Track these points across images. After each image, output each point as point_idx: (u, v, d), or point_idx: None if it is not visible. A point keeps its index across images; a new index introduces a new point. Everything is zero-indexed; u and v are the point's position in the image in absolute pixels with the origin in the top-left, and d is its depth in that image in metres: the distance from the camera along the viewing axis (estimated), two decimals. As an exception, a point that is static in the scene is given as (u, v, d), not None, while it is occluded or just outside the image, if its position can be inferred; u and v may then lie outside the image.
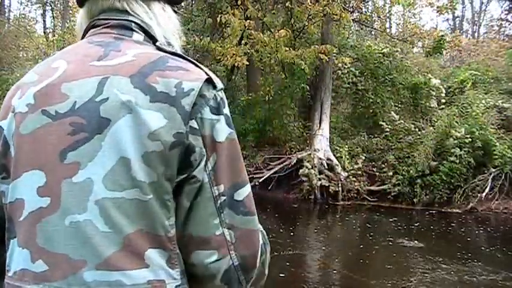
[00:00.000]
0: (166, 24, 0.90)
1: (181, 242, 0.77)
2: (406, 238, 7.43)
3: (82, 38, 0.90)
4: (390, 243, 7.17)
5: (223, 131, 0.78)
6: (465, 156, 9.26)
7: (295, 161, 10.51)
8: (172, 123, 0.73)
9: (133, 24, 0.85)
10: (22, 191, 0.77)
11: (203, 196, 0.76)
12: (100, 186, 0.72)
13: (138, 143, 0.72)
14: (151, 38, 0.86)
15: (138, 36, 0.85)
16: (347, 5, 10.39)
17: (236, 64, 9.66)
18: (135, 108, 0.73)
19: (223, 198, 0.77)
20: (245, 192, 0.80)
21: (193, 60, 0.81)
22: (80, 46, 0.85)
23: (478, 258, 6.30)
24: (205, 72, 0.79)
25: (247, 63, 9.87)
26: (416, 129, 10.74)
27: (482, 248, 7.18)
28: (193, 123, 0.75)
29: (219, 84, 0.80)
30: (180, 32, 0.94)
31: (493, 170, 9.31)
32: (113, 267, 0.71)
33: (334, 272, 5.80)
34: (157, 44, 0.84)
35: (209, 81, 0.78)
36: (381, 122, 10.97)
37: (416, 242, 7.18)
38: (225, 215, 0.78)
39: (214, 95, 0.78)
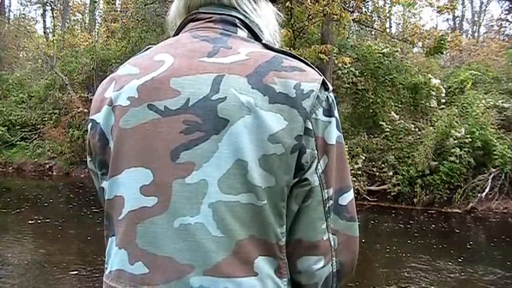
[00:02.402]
0: (271, 22, 0.87)
1: (289, 248, 0.74)
2: (406, 238, 7.43)
3: (177, 31, 0.85)
4: (390, 243, 7.17)
5: (334, 134, 0.75)
6: (465, 156, 9.26)
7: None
8: (293, 125, 0.70)
9: (237, 20, 0.81)
10: (122, 188, 0.73)
11: (314, 199, 0.74)
12: (215, 188, 0.68)
13: (258, 146, 0.69)
14: (253, 35, 0.82)
15: (242, 32, 0.80)
16: (347, 5, 10.38)
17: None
18: (254, 109, 0.69)
19: (330, 202, 0.75)
20: (349, 197, 0.79)
21: (304, 60, 0.78)
22: (183, 40, 0.80)
23: (478, 258, 6.30)
24: (319, 73, 0.77)
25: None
26: (416, 129, 10.74)
27: (482, 248, 7.18)
28: (308, 124, 0.72)
29: (330, 85, 0.77)
30: (277, 26, 0.90)
31: (493, 170, 9.31)
32: (222, 274, 0.68)
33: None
34: (263, 42, 0.80)
35: (323, 82, 0.76)
36: (381, 122, 10.96)
37: (416, 242, 7.18)
38: (330, 219, 0.76)
39: (327, 96, 0.76)
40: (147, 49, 0.84)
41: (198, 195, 0.69)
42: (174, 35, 0.86)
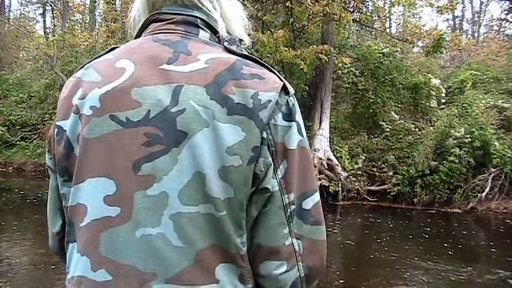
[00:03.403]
0: (231, 13, 0.85)
1: (250, 253, 0.75)
2: (405, 238, 7.43)
3: (139, 32, 0.85)
4: (390, 243, 7.17)
5: (295, 138, 0.75)
6: (465, 156, 9.26)
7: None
8: (250, 136, 0.71)
9: (198, 20, 0.81)
10: (85, 196, 0.74)
11: (274, 205, 0.74)
12: (175, 201, 0.70)
13: (216, 158, 0.70)
14: (215, 34, 0.82)
15: (204, 33, 0.80)
16: (347, 5, 10.37)
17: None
18: (212, 121, 0.70)
19: (293, 207, 0.75)
20: (313, 200, 0.78)
21: (265, 64, 0.78)
22: (145, 44, 0.79)
23: (478, 258, 6.30)
24: (279, 78, 0.77)
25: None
26: (416, 129, 10.75)
27: (482, 248, 7.18)
28: (264, 134, 0.72)
29: (291, 89, 0.77)
30: (245, 18, 0.88)
31: (493, 170, 9.31)
32: (183, 282, 0.70)
33: (333, 271, 5.80)
34: (225, 44, 0.80)
35: (283, 87, 0.76)
36: (381, 122, 10.97)
37: (416, 242, 7.18)
38: (294, 224, 0.75)
39: (287, 100, 0.76)
40: (111, 49, 0.84)
41: (159, 207, 0.70)
42: (136, 35, 0.86)
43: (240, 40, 0.86)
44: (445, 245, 7.06)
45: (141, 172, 0.71)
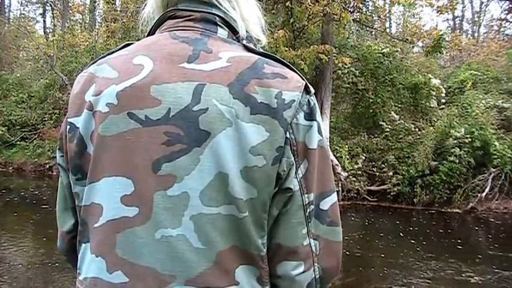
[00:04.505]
0: (248, 13, 0.84)
1: (269, 252, 0.73)
2: (406, 238, 7.43)
3: (153, 29, 0.83)
4: (390, 243, 7.17)
5: (315, 138, 0.74)
6: (465, 156, 9.26)
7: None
8: (274, 136, 0.70)
9: (217, 18, 0.79)
10: (100, 196, 0.72)
11: (294, 204, 0.73)
12: (197, 201, 0.68)
13: (239, 158, 0.68)
14: (234, 33, 0.80)
15: (223, 31, 0.79)
16: (347, 5, 10.36)
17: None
18: (236, 121, 0.69)
19: (312, 207, 0.74)
20: (331, 201, 0.77)
21: (286, 62, 0.77)
22: (163, 41, 0.77)
23: (478, 258, 6.29)
24: (301, 77, 0.76)
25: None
26: (416, 129, 10.75)
27: (482, 248, 7.18)
28: (288, 134, 0.71)
29: (312, 88, 0.76)
30: (262, 18, 0.87)
31: (493, 170, 9.31)
32: (203, 284, 0.68)
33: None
34: (244, 43, 0.79)
35: (305, 87, 0.75)
36: (381, 122, 10.97)
37: (416, 242, 7.18)
38: (311, 224, 0.75)
39: (308, 100, 0.75)
40: (125, 46, 0.82)
41: (180, 208, 0.69)
42: (149, 32, 0.84)
43: (257, 40, 0.85)
44: (445, 244, 7.06)
45: (161, 172, 0.69)
